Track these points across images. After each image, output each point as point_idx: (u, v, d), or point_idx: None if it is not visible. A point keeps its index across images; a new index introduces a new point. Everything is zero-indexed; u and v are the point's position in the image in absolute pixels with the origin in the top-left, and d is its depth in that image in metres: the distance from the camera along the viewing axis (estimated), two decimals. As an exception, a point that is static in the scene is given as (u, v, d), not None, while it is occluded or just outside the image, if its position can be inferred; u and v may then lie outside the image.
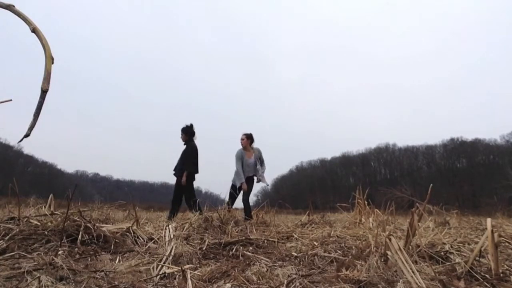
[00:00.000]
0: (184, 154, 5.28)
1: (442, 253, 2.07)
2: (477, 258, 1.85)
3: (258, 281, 1.63)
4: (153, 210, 10.24)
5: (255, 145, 5.47)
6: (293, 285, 1.57)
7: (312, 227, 3.97)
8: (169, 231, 2.67)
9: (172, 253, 2.11)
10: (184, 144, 5.37)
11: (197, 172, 5.30)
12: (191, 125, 5.41)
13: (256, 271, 1.79)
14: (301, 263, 2.06)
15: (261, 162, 5.39)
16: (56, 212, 3.01)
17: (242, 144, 5.36)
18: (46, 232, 2.28)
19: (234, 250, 2.41)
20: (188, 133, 5.36)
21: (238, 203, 5.23)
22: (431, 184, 2.31)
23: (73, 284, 1.52)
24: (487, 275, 1.59)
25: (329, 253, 2.23)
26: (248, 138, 5.35)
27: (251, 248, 2.53)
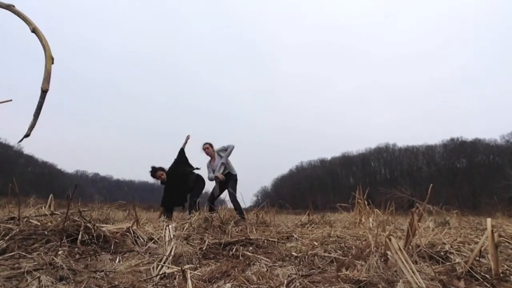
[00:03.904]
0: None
1: (442, 253, 2.07)
2: (477, 258, 1.85)
3: (258, 281, 1.63)
4: (153, 210, 10.24)
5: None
6: (293, 285, 1.57)
7: (312, 227, 3.96)
8: (169, 231, 2.67)
9: (172, 253, 2.11)
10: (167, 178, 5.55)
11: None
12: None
13: (256, 271, 1.79)
14: (301, 263, 2.06)
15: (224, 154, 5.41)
16: (56, 212, 3.01)
17: (208, 154, 5.47)
18: (46, 232, 2.28)
19: (234, 250, 2.41)
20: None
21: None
22: (431, 184, 2.31)
23: (73, 284, 1.52)
24: (487, 275, 1.59)
25: (329, 253, 2.22)
26: (212, 146, 5.52)
27: (251, 248, 2.53)
